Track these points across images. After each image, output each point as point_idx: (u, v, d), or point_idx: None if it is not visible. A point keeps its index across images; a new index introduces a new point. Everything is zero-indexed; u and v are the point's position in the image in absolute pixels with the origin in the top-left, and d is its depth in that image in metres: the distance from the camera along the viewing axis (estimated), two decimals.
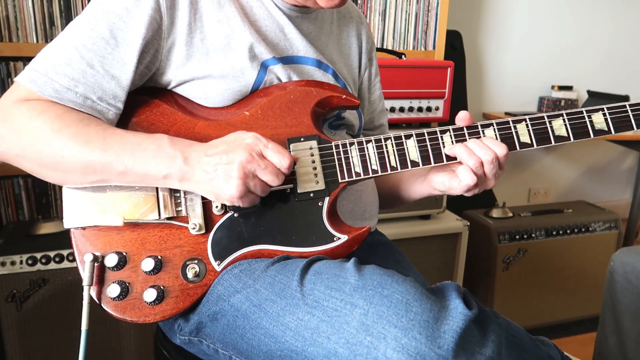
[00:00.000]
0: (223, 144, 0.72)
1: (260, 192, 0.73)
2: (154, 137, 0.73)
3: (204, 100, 0.82)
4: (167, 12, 0.76)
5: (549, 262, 2.07)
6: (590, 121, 0.82)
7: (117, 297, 0.75)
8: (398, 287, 0.62)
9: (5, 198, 1.80)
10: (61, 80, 0.72)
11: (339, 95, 0.83)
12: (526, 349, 0.73)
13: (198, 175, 0.71)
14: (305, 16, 0.90)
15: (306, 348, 0.64)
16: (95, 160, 0.71)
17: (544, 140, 0.82)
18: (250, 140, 0.71)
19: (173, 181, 0.73)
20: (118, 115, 0.77)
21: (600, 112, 0.82)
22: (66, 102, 0.73)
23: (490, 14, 2.63)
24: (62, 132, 0.71)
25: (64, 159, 0.71)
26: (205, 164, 0.71)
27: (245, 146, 0.70)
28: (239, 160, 0.69)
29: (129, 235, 0.77)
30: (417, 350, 0.57)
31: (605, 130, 0.82)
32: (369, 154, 0.81)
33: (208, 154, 0.71)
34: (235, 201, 0.72)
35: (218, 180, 0.70)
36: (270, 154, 0.72)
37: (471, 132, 0.81)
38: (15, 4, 1.68)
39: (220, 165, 0.70)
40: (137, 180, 0.73)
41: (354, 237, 0.78)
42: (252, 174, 0.71)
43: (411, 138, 0.81)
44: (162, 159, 0.71)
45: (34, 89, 0.72)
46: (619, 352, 1.26)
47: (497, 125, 0.82)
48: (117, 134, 0.73)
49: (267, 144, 0.72)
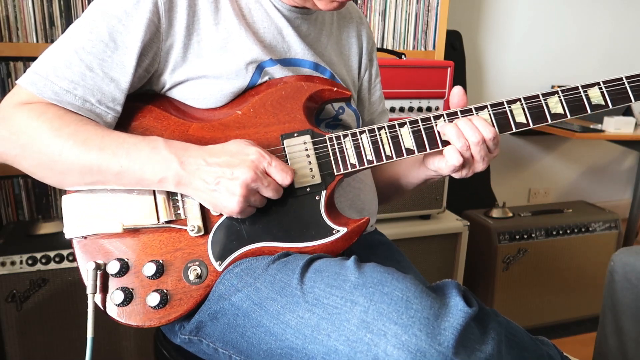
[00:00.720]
0: (225, 155, 0.72)
1: (259, 205, 0.75)
2: (149, 140, 0.74)
3: (196, 101, 0.82)
4: (165, 15, 0.77)
5: (549, 262, 2.07)
6: (586, 96, 0.81)
7: (121, 303, 0.75)
8: (398, 285, 0.62)
9: (5, 198, 1.80)
10: (61, 83, 0.73)
11: (330, 88, 0.83)
12: (526, 347, 0.73)
13: (196, 183, 0.72)
14: (305, 17, 0.90)
15: (306, 346, 0.64)
16: (92, 159, 0.72)
17: (540, 118, 0.80)
18: (254, 156, 0.72)
19: (169, 185, 0.73)
20: (116, 118, 0.78)
21: (596, 87, 0.81)
22: (65, 105, 0.74)
23: (490, 14, 2.63)
24: (60, 132, 0.71)
25: (61, 158, 0.71)
26: (206, 174, 0.71)
27: (249, 163, 0.71)
28: (244, 178, 0.70)
29: (129, 242, 0.77)
30: (418, 347, 0.57)
31: (602, 105, 0.80)
32: (363, 144, 0.80)
33: (209, 163, 0.72)
34: (234, 215, 0.73)
35: (220, 193, 0.71)
36: (274, 172, 0.73)
37: (465, 117, 0.80)
38: (15, 4, 1.68)
39: (224, 179, 0.71)
40: (133, 183, 0.74)
41: (353, 229, 0.78)
42: (255, 191, 0.72)
43: (405, 126, 0.81)
44: (157, 161, 0.72)
45: (34, 91, 0.73)
46: (619, 352, 1.26)
47: (491, 107, 0.80)
48: (114, 134, 0.74)
49: (270, 161, 0.73)
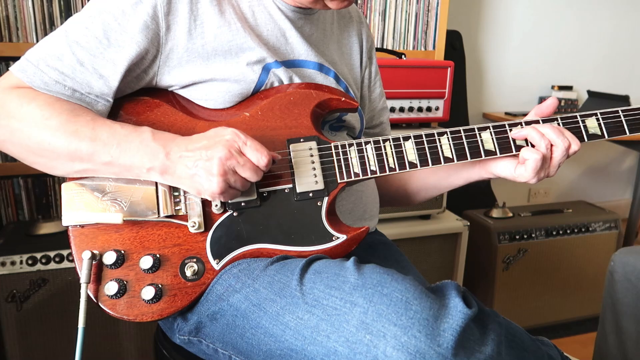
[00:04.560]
0: (204, 139, 0.73)
1: (240, 187, 0.74)
2: (138, 131, 0.74)
3: (205, 101, 0.83)
4: (164, 19, 0.77)
5: (549, 262, 2.07)
6: (584, 126, 0.84)
7: (115, 295, 0.75)
8: (398, 286, 0.62)
9: (5, 198, 1.80)
10: (51, 74, 0.74)
11: (338, 97, 0.84)
12: (526, 348, 0.73)
13: (179, 170, 0.73)
14: (308, 18, 0.90)
15: (306, 347, 0.64)
16: (82, 148, 0.72)
17: None
18: (229, 136, 0.72)
19: (155, 175, 0.74)
20: (107, 107, 0.78)
21: (593, 117, 0.84)
22: (55, 94, 0.74)
23: (490, 14, 2.63)
24: (51, 120, 0.72)
25: (51, 146, 0.72)
26: (186, 159, 0.72)
27: (224, 142, 0.71)
28: (218, 157, 0.70)
29: (127, 234, 0.77)
30: (417, 349, 0.57)
31: (598, 135, 0.84)
32: (368, 155, 0.81)
33: (189, 149, 0.73)
34: (216, 197, 0.73)
35: (199, 176, 0.71)
36: (249, 151, 0.73)
37: (468, 135, 0.82)
38: (15, 4, 1.68)
39: (201, 161, 0.71)
40: (122, 172, 0.75)
41: (353, 237, 0.78)
42: (232, 170, 0.72)
43: (409, 140, 0.82)
44: (145, 152, 0.73)
45: (23, 78, 0.74)
46: (619, 352, 1.26)
47: (493, 128, 0.83)
48: (106, 124, 0.74)
49: (245, 140, 0.73)
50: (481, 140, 0.82)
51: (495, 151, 0.82)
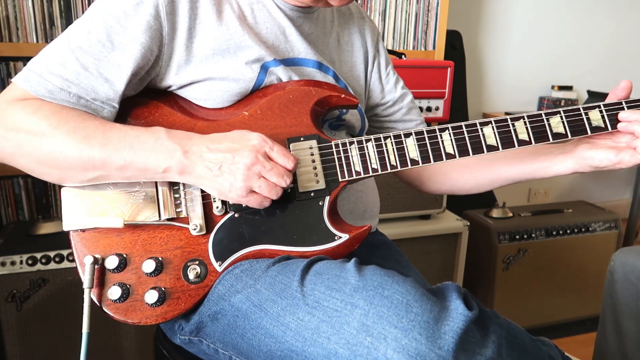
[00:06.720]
0: (226, 141, 0.72)
1: (266, 193, 0.73)
2: (152, 130, 0.74)
3: (203, 101, 0.82)
4: (167, 19, 0.76)
5: (549, 262, 2.07)
6: (587, 118, 0.82)
7: (118, 299, 0.74)
8: (398, 288, 0.62)
9: (5, 198, 1.80)
10: (55, 81, 0.73)
11: (338, 94, 0.83)
12: (527, 349, 0.72)
13: (199, 170, 0.72)
14: (307, 17, 0.90)
15: (306, 348, 0.64)
16: (94, 155, 0.71)
17: (542, 138, 0.81)
18: (256, 141, 0.72)
19: (173, 174, 0.73)
20: (113, 113, 0.77)
21: (597, 110, 0.82)
22: (60, 102, 0.73)
23: (490, 14, 2.63)
24: (60, 128, 0.71)
25: (62, 155, 0.71)
26: (208, 161, 0.71)
27: (251, 147, 0.71)
28: (245, 162, 0.70)
29: (129, 237, 0.77)
30: (418, 351, 0.57)
31: (602, 127, 0.82)
32: (369, 152, 0.81)
33: (210, 149, 0.72)
34: (240, 200, 0.73)
35: (223, 178, 0.71)
36: (276, 155, 0.73)
37: (470, 130, 0.81)
38: (15, 4, 1.68)
39: (225, 164, 0.71)
40: (137, 175, 0.73)
41: (355, 236, 0.78)
42: (258, 175, 0.71)
43: (410, 137, 0.81)
44: (161, 152, 0.72)
45: (27, 88, 0.73)
46: (619, 352, 1.26)
47: (495, 122, 0.81)
48: (116, 128, 0.73)
49: (272, 145, 0.73)
50: (483, 135, 0.81)
51: (498, 146, 0.81)
